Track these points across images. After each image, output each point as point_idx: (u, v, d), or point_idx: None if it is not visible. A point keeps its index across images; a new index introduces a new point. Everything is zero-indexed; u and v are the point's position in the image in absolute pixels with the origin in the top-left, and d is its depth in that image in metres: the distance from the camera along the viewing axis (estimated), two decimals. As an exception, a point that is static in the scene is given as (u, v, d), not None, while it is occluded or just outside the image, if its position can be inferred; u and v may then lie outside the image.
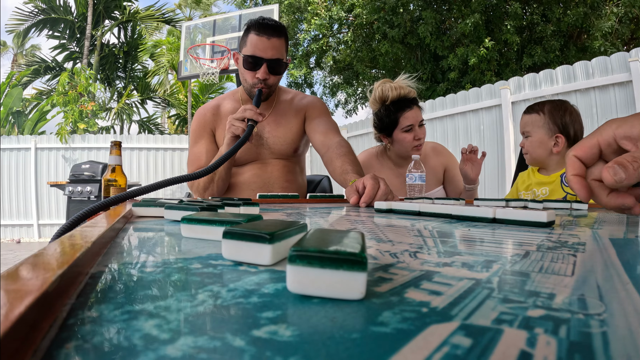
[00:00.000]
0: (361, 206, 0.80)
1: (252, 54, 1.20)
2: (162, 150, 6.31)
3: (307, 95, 1.45)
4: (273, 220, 0.26)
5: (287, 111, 1.37)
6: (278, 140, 1.33)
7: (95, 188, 4.27)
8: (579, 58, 5.13)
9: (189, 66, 4.74)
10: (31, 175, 5.92)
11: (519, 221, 0.43)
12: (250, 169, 1.33)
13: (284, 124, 1.35)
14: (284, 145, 1.34)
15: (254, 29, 1.21)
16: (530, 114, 1.33)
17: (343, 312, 0.14)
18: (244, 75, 1.26)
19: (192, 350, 0.11)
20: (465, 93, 4.01)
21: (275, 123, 1.34)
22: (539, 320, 0.13)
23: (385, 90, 1.43)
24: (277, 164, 1.35)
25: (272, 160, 1.35)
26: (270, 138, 1.33)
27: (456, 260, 0.23)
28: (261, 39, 1.20)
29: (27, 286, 0.12)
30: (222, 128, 1.32)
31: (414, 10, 7.07)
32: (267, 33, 1.20)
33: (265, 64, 1.21)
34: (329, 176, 1.71)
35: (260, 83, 1.23)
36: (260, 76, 1.22)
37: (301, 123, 1.38)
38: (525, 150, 1.35)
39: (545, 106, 1.31)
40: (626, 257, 0.25)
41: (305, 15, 8.05)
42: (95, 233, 0.25)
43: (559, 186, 1.27)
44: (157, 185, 0.64)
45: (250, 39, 1.21)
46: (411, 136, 1.43)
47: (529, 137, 1.33)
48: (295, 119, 1.37)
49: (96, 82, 8.53)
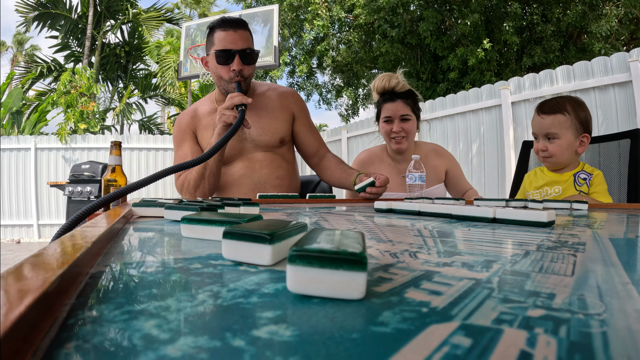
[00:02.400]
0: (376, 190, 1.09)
1: (223, 48, 1.21)
2: (162, 151, 6.31)
3: (281, 87, 1.46)
4: (273, 220, 0.26)
5: (267, 103, 1.37)
6: (262, 132, 1.32)
7: (95, 188, 4.27)
8: (579, 58, 5.13)
9: (189, 66, 4.74)
10: (31, 175, 5.92)
11: (519, 221, 0.43)
12: (238, 168, 1.32)
13: (265, 115, 1.34)
14: (268, 135, 1.33)
15: (218, 27, 1.24)
16: (554, 115, 1.19)
17: (343, 312, 0.14)
18: (219, 72, 1.26)
19: (192, 350, 0.11)
20: (465, 93, 4.01)
21: (256, 115, 1.33)
22: (539, 320, 0.13)
23: (376, 81, 1.53)
24: (264, 159, 1.33)
25: (258, 154, 1.33)
26: (253, 130, 1.32)
27: (456, 260, 0.23)
28: (228, 33, 1.22)
29: (27, 286, 0.12)
30: (202, 128, 1.33)
31: (414, 11, 7.07)
32: (233, 26, 1.23)
33: (238, 55, 1.22)
34: None
35: (237, 76, 1.23)
36: (235, 67, 1.22)
37: (287, 117, 1.38)
38: (551, 153, 1.21)
39: (567, 105, 1.20)
40: (626, 257, 0.25)
41: (306, 15, 8.05)
42: (95, 233, 0.25)
43: (572, 185, 1.21)
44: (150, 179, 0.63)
45: (218, 36, 1.23)
46: (389, 127, 1.47)
47: (557, 140, 1.19)
48: (279, 111, 1.37)
49: (97, 82, 8.53)
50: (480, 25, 6.38)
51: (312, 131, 1.45)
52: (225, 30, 1.22)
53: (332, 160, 1.42)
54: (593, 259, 0.24)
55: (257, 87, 1.42)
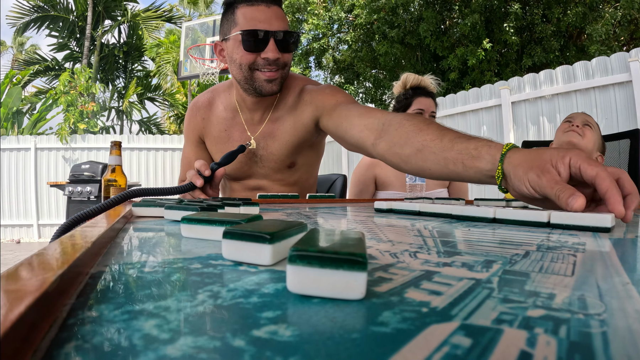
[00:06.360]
0: (627, 220, 0.43)
1: (253, 28, 0.90)
2: (162, 150, 6.31)
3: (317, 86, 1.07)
4: (273, 220, 0.26)
5: (287, 117, 1.06)
6: (271, 158, 1.09)
7: (95, 188, 4.27)
8: (579, 58, 5.12)
9: (189, 66, 4.74)
10: (31, 175, 5.92)
11: (519, 221, 0.43)
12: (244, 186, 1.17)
13: (278, 138, 1.07)
14: (277, 162, 1.10)
15: (242, 1, 0.93)
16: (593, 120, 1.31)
17: (343, 312, 0.14)
18: (241, 60, 0.94)
19: (192, 350, 0.11)
20: (465, 93, 4.01)
21: (270, 136, 1.07)
22: (539, 320, 0.13)
23: (409, 76, 1.57)
24: (271, 187, 1.15)
25: (265, 182, 1.14)
26: (264, 155, 1.09)
27: (456, 260, 0.23)
28: (259, 9, 0.91)
29: (27, 286, 0.12)
30: (211, 137, 1.14)
31: (415, 11, 7.07)
32: (265, 0, 0.92)
33: (273, 38, 0.91)
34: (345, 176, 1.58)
35: (269, 65, 0.93)
36: (270, 55, 0.91)
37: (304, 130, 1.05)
38: (583, 132, 1.24)
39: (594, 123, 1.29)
40: (626, 257, 0.25)
41: (305, 15, 8.04)
42: (95, 233, 0.25)
43: None
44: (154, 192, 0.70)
45: (243, 13, 0.92)
46: None
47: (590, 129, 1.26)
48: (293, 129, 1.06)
49: (96, 82, 8.53)
50: (480, 25, 6.38)
51: (358, 115, 0.89)
52: (253, 5, 0.92)
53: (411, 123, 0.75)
54: (593, 259, 0.24)
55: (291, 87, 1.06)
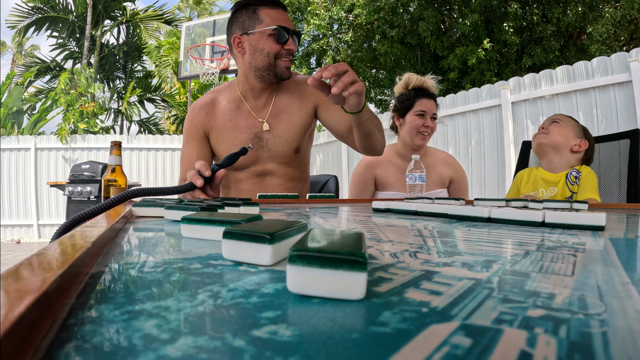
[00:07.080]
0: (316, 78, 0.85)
1: (281, 25, 1.14)
2: (162, 151, 6.31)
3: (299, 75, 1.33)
4: (273, 220, 0.26)
5: (291, 101, 1.25)
6: (278, 141, 1.23)
7: (95, 188, 4.27)
8: (579, 58, 5.12)
9: (189, 66, 4.74)
10: (31, 175, 5.92)
11: (514, 220, 0.43)
12: (248, 175, 1.26)
13: (284, 120, 1.24)
14: (285, 145, 1.24)
15: (264, 4, 1.16)
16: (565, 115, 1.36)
17: (343, 312, 0.14)
18: (270, 49, 1.16)
19: (192, 350, 0.11)
20: (465, 93, 4.01)
21: (276, 120, 1.23)
22: (539, 320, 0.13)
23: (412, 77, 1.58)
24: (276, 170, 1.26)
25: (271, 164, 1.26)
26: (271, 139, 1.23)
27: (456, 260, 0.23)
28: (279, 12, 1.16)
29: (27, 286, 0.12)
30: (218, 130, 1.24)
31: (415, 11, 7.06)
32: (281, 6, 1.18)
33: (292, 35, 1.16)
34: (336, 177, 1.67)
35: (288, 55, 1.18)
36: (293, 47, 1.17)
37: (306, 116, 1.25)
38: (548, 130, 1.33)
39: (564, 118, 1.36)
40: (626, 257, 0.25)
41: (306, 15, 8.04)
42: (95, 233, 0.25)
43: (565, 185, 1.28)
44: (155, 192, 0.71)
45: (267, 14, 1.15)
46: (421, 122, 1.52)
47: (558, 124, 1.33)
48: (299, 111, 1.24)
49: (96, 82, 8.54)
50: (480, 25, 6.38)
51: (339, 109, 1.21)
52: (275, 9, 1.16)
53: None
54: (593, 259, 0.24)
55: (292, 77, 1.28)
